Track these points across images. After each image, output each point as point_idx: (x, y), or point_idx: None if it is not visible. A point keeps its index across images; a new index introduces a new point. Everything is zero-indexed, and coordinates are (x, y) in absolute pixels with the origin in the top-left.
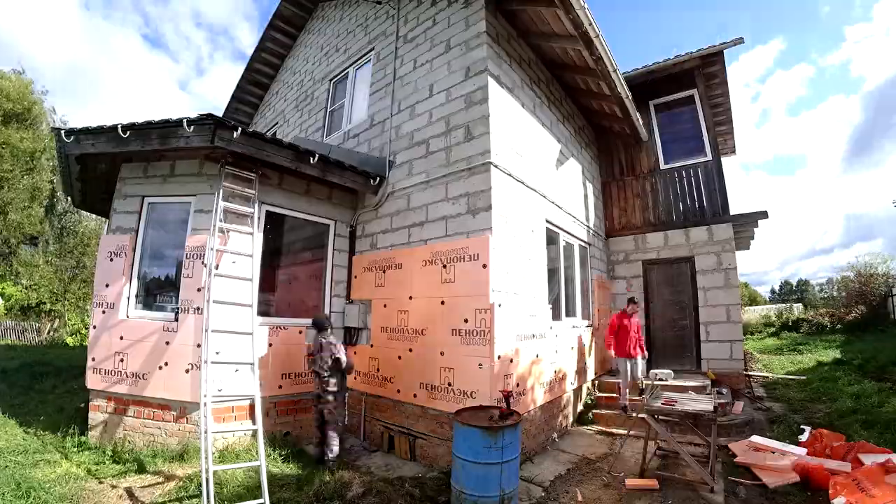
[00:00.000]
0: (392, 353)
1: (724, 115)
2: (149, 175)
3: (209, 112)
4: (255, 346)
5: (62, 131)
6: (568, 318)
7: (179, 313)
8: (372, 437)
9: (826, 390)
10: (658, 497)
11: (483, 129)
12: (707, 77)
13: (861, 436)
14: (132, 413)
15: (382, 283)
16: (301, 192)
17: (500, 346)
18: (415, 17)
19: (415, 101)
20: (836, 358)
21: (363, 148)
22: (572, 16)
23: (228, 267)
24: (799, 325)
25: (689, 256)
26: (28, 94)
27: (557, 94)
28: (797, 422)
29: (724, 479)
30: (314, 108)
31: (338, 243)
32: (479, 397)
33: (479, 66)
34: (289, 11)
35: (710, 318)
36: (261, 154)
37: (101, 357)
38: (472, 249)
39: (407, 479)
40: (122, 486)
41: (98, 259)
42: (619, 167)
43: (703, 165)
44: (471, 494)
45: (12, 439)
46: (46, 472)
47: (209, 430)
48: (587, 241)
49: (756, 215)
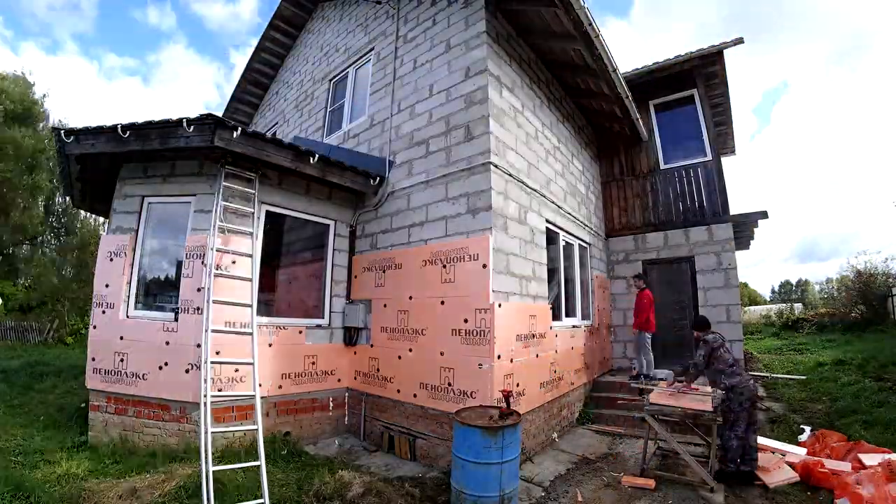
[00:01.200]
0: (392, 353)
1: (723, 115)
2: (149, 175)
3: (209, 112)
4: (255, 346)
5: (62, 131)
6: (568, 318)
7: (179, 313)
8: (372, 437)
9: (826, 390)
10: (658, 497)
11: (483, 129)
12: (707, 77)
13: (861, 436)
14: (132, 413)
15: (382, 283)
16: (301, 192)
17: (500, 346)
18: (415, 16)
19: (415, 101)
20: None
21: (363, 148)
22: (572, 16)
23: (228, 267)
24: (799, 325)
25: (689, 256)
26: (29, 95)
27: (557, 93)
28: (797, 421)
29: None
30: (314, 108)
31: (338, 243)
32: (479, 397)
33: (478, 65)
34: (289, 11)
35: (710, 318)
36: (261, 154)
37: (101, 357)
38: (472, 249)
39: (407, 479)
40: (122, 487)
41: (98, 259)
42: (619, 167)
43: (702, 165)
44: (471, 494)
45: (12, 439)
46: (46, 473)
47: (209, 430)
48: (587, 240)
49: (756, 215)
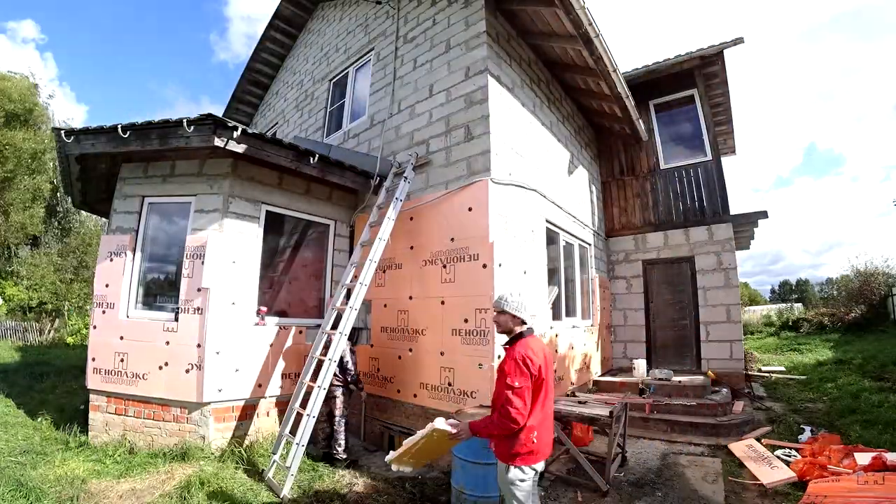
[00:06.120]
0: (392, 353)
1: (724, 114)
2: (149, 175)
3: (209, 112)
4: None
5: (62, 131)
6: (568, 318)
7: (179, 313)
8: (372, 437)
9: (826, 390)
10: (658, 497)
11: (483, 129)
12: (707, 77)
13: (861, 435)
14: (132, 413)
15: (382, 283)
16: (301, 192)
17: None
18: (415, 16)
19: (415, 101)
20: (836, 358)
21: (363, 148)
22: (572, 16)
23: (229, 267)
24: (799, 325)
25: (689, 256)
26: (30, 96)
27: (557, 93)
28: (797, 421)
29: (723, 479)
30: (314, 107)
31: (338, 243)
32: (479, 397)
33: (479, 66)
34: (288, 11)
35: (710, 318)
36: (261, 154)
37: (102, 357)
38: (472, 249)
39: (407, 480)
40: (122, 487)
41: (98, 259)
42: (619, 167)
43: (703, 165)
44: (471, 494)
45: (13, 439)
46: (47, 473)
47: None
48: (587, 240)
49: (756, 215)
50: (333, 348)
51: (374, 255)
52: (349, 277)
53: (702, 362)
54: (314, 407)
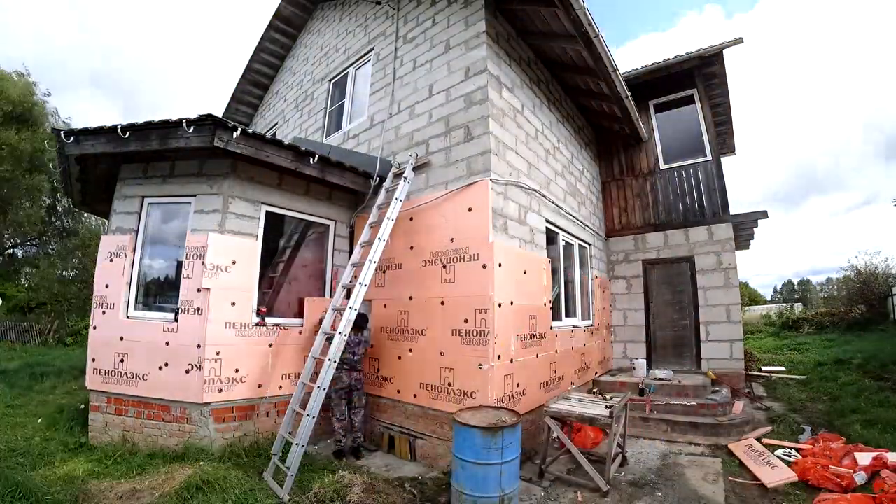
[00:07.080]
0: (392, 353)
1: (723, 114)
2: (148, 175)
3: (209, 113)
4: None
5: (62, 132)
6: (568, 319)
7: (179, 314)
8: (372, 438)
9: (826, 390)
10: (658, 497)
11: (483, 130)
12: (707, 77)
13: (861, 435)
14: (132, 413)
15: (382, 283)
16: (301, 193)
17: (500, 346)
18: (414, 17)
19: (414, 102)
20: (837, 357)
21: (363, 148)
22: (572, 16)
23: (228, 267)
24: (799, 325)
25: (689, 256)
26: (29, 96)
27: (557, 94)
28: (797, 421)
29: (723, 479)
30: (314, 108)
31: (338, 243)
32: (479, 397)
33: (478, 66)
34: (288, 11)
35: (710, 318)
36: (261, 154)
37: (102, 357)
38: (472, 250)
39: (407, 480)
40: (122, 487)
41: (98, 259)
42: (618, 167)
43: (702, 165)
44: (471, 495)
45: (12, 440)
46: (47, 473)
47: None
48: (587, 241)
49: (756, 215)
50: (333, 348)
51: (374, 256)
52: (349, 278)
53: (702, 362)
54: (314, 408)
